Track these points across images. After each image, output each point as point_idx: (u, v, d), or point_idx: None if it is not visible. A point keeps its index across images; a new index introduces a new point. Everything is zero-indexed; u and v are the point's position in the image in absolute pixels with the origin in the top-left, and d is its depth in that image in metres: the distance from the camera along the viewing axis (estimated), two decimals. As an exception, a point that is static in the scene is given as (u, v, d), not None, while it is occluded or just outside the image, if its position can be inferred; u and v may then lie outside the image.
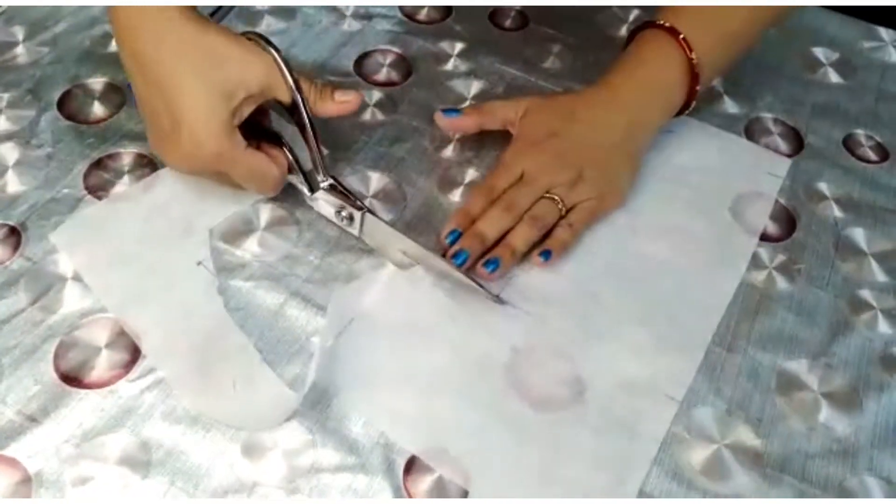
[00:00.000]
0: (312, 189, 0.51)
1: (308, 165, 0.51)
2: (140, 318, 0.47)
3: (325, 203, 0.52)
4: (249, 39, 0.48)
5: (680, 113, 0.58)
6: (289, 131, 0.50)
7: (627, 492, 0.43)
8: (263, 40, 0.48)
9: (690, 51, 0.54)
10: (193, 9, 0.47)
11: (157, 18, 0.46)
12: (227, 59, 0.46)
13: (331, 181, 0.51)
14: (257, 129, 0.50)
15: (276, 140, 0.51)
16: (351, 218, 0.51)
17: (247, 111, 0.48)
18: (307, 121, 0.49)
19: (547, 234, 0.52)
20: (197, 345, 0.46)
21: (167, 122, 0.47)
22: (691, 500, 0.43)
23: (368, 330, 0.48)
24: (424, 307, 0.49)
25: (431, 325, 0.49)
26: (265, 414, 0.44)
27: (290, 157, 0.50)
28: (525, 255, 0.52)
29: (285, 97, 0.48)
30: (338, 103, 0.50)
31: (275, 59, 0.47)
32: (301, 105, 0.48)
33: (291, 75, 0.48)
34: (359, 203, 0.51)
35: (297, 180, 0.51)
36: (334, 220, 0.52)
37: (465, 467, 0.43)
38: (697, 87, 0.56)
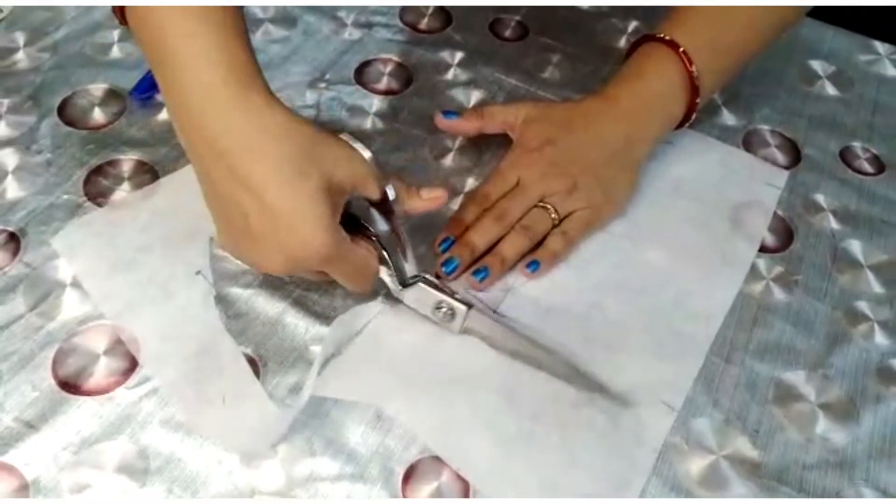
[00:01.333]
0: (403, 283, 0.48)
1: (395, 259, 0.48)
2: (138, 326, 0.47)
3: (418, 297, 0.49)
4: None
5: (680, 125, 0.58)
6: (377, 225, 0.47)
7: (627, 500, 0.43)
8: (349, 137, 0.45)
9: (690, 64, 0.55)
10: (271, 94, 0.42)
11: (241, 106, 0.40)
12: (324, 154, 0.42)
13: (424, 275, 0.49)
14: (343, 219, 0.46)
15: (363, 231, 0.48)
16: (452, 313, 0.48)
17: (342, 207, 0.44)
18: (396, 217, 0.47)
19: (540, 243, 0.53)
20: (192, 355, 0.46)
21: (258, 221, 0.41)
22: (690, 500, 0.44)
23: (370, 342, 0.48)
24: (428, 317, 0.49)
25: (435, 334, 0.49)
26: (254, 434, 0.44)
27: (381, 249, 0.48)
28: (516, 264, 0.52)
29: (374, 195, 0.45)
30: (427, 200, 0.48)
31: (363, 158, 0.44)
32: (392, 202, 0.46)
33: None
34: (459, 297, 0.48)
35: (387, 273, 0.48)
36: (429, 315, 0.49)
37: (466, 475, 0.43)
38: (697, 100, 0.56)
